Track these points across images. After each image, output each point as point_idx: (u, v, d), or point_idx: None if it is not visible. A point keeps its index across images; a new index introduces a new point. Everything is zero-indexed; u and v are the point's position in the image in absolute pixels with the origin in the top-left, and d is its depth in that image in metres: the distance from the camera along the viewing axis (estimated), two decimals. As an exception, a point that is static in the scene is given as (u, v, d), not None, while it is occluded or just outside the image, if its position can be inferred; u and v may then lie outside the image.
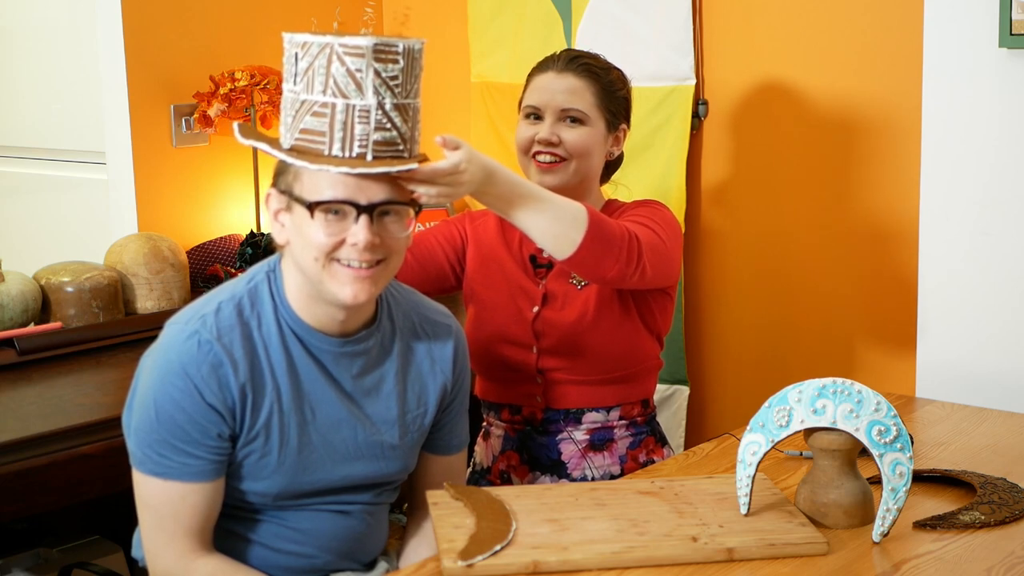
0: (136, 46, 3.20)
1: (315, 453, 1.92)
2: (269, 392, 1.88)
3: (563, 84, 2.36)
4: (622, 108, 2.41)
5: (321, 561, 1.98)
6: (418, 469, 2.09)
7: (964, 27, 2.59)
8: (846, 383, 1.89)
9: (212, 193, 3.37)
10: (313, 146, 1.79)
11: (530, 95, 2.40)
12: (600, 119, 2.36)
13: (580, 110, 2.34)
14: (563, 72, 2.37)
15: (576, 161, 2.34)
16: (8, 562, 2.63)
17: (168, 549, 1.87)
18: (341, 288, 1.83)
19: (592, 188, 2.41)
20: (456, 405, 2.09)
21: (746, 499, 1.91)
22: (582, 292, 2.34)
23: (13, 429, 2.28)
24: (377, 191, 1.80)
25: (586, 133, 2.34)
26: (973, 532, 1.90)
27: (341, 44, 1.76)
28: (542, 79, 2.39)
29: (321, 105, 1.78)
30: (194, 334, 1.84)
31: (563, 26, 3.24)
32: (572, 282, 2.35)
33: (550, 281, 2.37)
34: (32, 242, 3.82)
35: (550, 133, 2.34)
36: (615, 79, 2.40)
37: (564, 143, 2.33)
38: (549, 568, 1.77)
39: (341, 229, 1.81)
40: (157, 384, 1.84)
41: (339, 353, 1.92)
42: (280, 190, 1.86)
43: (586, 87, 2.35)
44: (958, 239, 2.67)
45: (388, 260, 1.85)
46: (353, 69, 1.77)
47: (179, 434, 1.83)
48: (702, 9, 3.05)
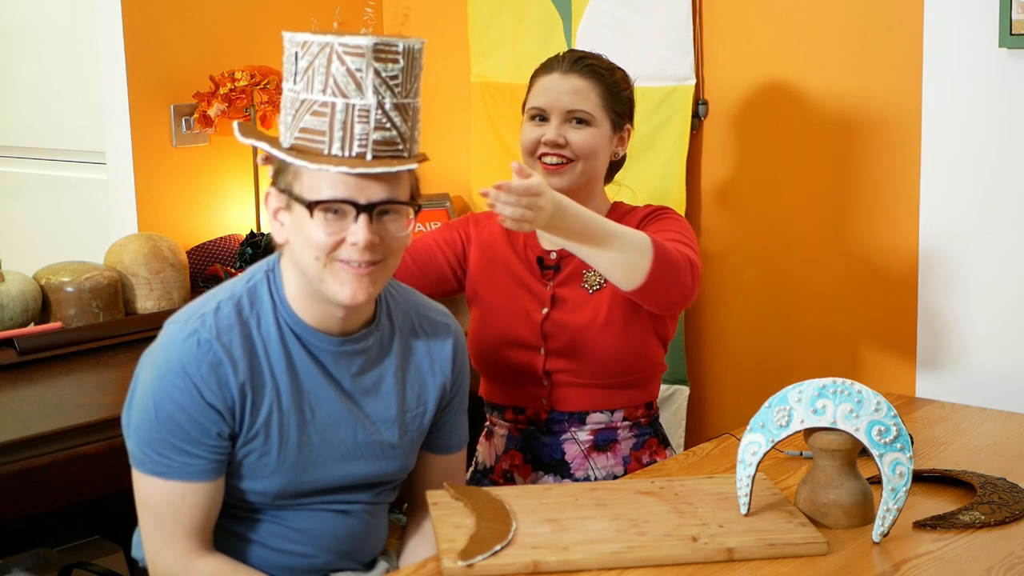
0: (136, 46, 3.20)
1: (315, 452, 1.92)
2: (268, 391, 1.88)
3: (568, 85, 2.35)
4: (626, 108, 2.41)
5: (321, 561, 1.98)
6: (417, 468, 2.09)
7: (964, 27, 2.59)
8: (846, 383, 1.89)
9: (212, 193, 3.37)
10: (313, 145, 1.79)
11: (535, 96, 2.39)
12: (605, 120, 2.36)
13: (586, 111, 2.34)
14: (568, 73, 2.36)
15: (583, 162, 2.34)
16: (8, 562, 2.63)
17: (168, 549, 1.87)
18: (341, 287, 1.83)
19: (597, 189, 2.41)
20: (455, 404, 2.09)
21: (746, 499, 1.91)
22: (594, 296, 2.34)
23: (13, 429, 2.28)
24: (377, 191, 1.80)
25: (592, 134, 2.34)
26: (973, 532, 1.90)
27: (341, 43, 1.76)
28: (547, 80, 2.38)
29: (321, 104, 1.78)
30: (193, 333, 1.84)
31: (563, 26, 3.24)
32: (584, 286, 2.35)
33: (559, 283, 2.37)
34: (32, 242, 3.82)
35: (556, 135, 2.33)
36: (619, 79, 2.39)
37: (571, 144, 2.33)
38: (549, 568, 1.77)
39: (341, 228, 1.81)
40: (157, 383, 1.84)
41: (338, 352, 1.92)
42: (280, 189, 1.86)
43: (591, 88, 2.35)
44: (958, 239, 2.67)
45: (387, 259, 1.85)
46: (353, 69, 1.77)
47: (179, 433, 1.83)
48: (702, 9, 3.05)
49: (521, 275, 2.39)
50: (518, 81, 3.38)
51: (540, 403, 2.37)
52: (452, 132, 3.58)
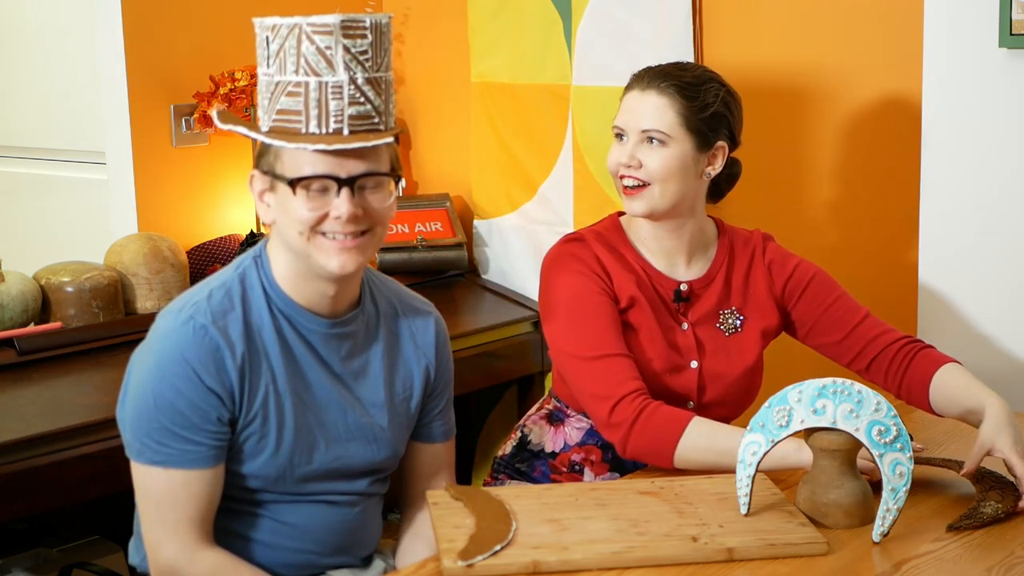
0: (136, 46, 3.20)
1: (311, 434, 1.94)
2: (264, 373, 1.90)
3: (645, 103, 2.24)
4: (718, 123, 2.26)
5: (317, 557, 2.00)
6: (407, 459, 2.11)
7: (964, 27, 2.59)
8: (846, 383, 1.89)
9: (212, 193, 3.37)
10: (291, 125, 1.83)
11: (618, 115, 2.29)
12: (686, 138, 2.23)
13: (660, 131, 2.22)
14: (646, 90, 2.24)
15: (659, 185, 2.22)
16: (8, 562, 2.63)
17: (170, 540, 1.88)
18: (328, 259, 1.86)
19: (691, 212, 2.29)
20: (440, 391, 2.11)
21: (746, 499, 1.91)
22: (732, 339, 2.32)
23: (13, 429, 2.29)
24: (356, 164, 1.84)
25: (668, 155, 2.22)
26: (973, 532, 1.90)
27: (309, 23, 1.81)
28: (628, 98, 2.27)
29: (295, 85, 1.82)
30: (189, 320, 1.86)
31: (563, 26, 3.24)
32: (719, 327, 2.32)
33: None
34: (32, 242, 3.82)
35: (629, 156, 2.23)
36: (706, 92, 2.25)
37: (645, 166, 2.22)
38: (549, 568, 1.77)
39: (324, 203, 1.84)
40: (154, 372, 1.86)
41: (328, 335, 1.95)
42: (263, 171, 1.90)
43: (668, 105, 2.22)
44: (958, 239, 2.67)
45: (373, 230, 1.89)
46: (323, 47, 1.81)
47: (178, 420, 1.85)
48: (702, 9, 3.05)
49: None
50: (518, 81, 3.39)
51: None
52: (452, 132, 3.58)
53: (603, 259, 2.28)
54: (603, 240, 2.31)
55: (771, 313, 2.36)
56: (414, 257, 3.37)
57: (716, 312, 2.32)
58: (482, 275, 3.53)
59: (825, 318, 2.35)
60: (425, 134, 3.65)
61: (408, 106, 3.64)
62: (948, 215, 2.68)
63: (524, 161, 3.39)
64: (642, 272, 2.30)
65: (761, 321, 2.35)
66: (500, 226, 3.47)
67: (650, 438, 2.13)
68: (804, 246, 2.99)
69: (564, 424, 2.39)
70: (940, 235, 2.69)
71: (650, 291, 2.29)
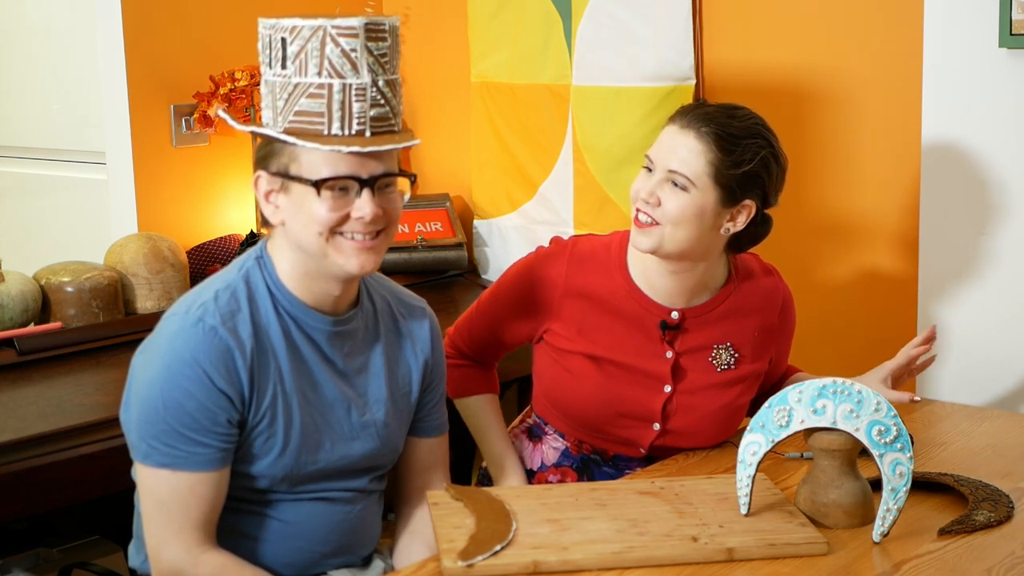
0: (136, 46, 3.20)
1: (317, 433, 1.95)
2: (272, 373, 1.91)
3: (679, 143, 2.12)
4: (750, 183, 2.13)
5: (318, 555, 2.00)
6: (402, 455, 2.11)
7: (964, 27, 2.59)
8: (846, 383, 1.89)
9: (212, 193, 3.37)
10: (311, 127, 1.83)
11: (653, 145, 2.18)
12: (711, 189, 2.11)
13: (685, 175, 2.11)
14: (686, 128, 2.13)
15: (670, 228, 2.12)
16: (8, 562, 2.63)
17: (174, 542, 1.87)
18: (347, 260, 1.87)
19: (701, 259, 2.20)
20: (435, 385, 2.12)
21: (746, 499, 1.91)
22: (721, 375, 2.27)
23: (13, 429, 2.29)
24: (376, 165, 1.86)
25: (687, 202, 2.11)
26: (972, 534, 1.90)
27: (334, 26, 1.82)
28: (667, 131, 2.16)
29: (317, 87, 1.83)
30: (199, 321, 1.86)
31: (563, 26, 3.24)
32: (712, 361, 2.26)
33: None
34: (32, 242, 3.82)
35: (650, 191, 2.13)
36: (745, 148, 2.12)
37: (662, 206, 2.12)
38: (549, 568, 1.77)
39: (345, 204, 1.86)
40: (164, 374, 1.85)
41: (332, 332, 1.96)
42: (272, 172, 1.89)
43: (702, 152, 2.11)
44: (958, 239, 2.67)
45: (388, 229, 1.91)
46: (348, 49, 1.82)
47: (188, 422, 1.84)
48: (702, 9, 3.05)
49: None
50: (518, 81, 3.39)
51: (620, 449, 2.32)
52: (452, 132, 3.58)
53: (573, 279, 2.25)
54: (596, 258, 2.27)
55: (765, 361, 2.35)
56: (414, 257, 3.37)
57: (710, 345, 2.26)
58: (482, 275, 3.53)
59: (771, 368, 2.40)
60: (425, 134, 3.65)
61: (408, 106, 3.64)
62: (948, 215, 2.68)
63: (524, 161, 3.39)
64: (627, 295, 2.24)
65: (755, 364, 2.31)
66: (500, 226, 3.48)
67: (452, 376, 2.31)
68: (804, 246, 2.99)
69: (542, 442, 2.39)
70: (940, 235, 2.69)
71: (635, 310, 2.24)
